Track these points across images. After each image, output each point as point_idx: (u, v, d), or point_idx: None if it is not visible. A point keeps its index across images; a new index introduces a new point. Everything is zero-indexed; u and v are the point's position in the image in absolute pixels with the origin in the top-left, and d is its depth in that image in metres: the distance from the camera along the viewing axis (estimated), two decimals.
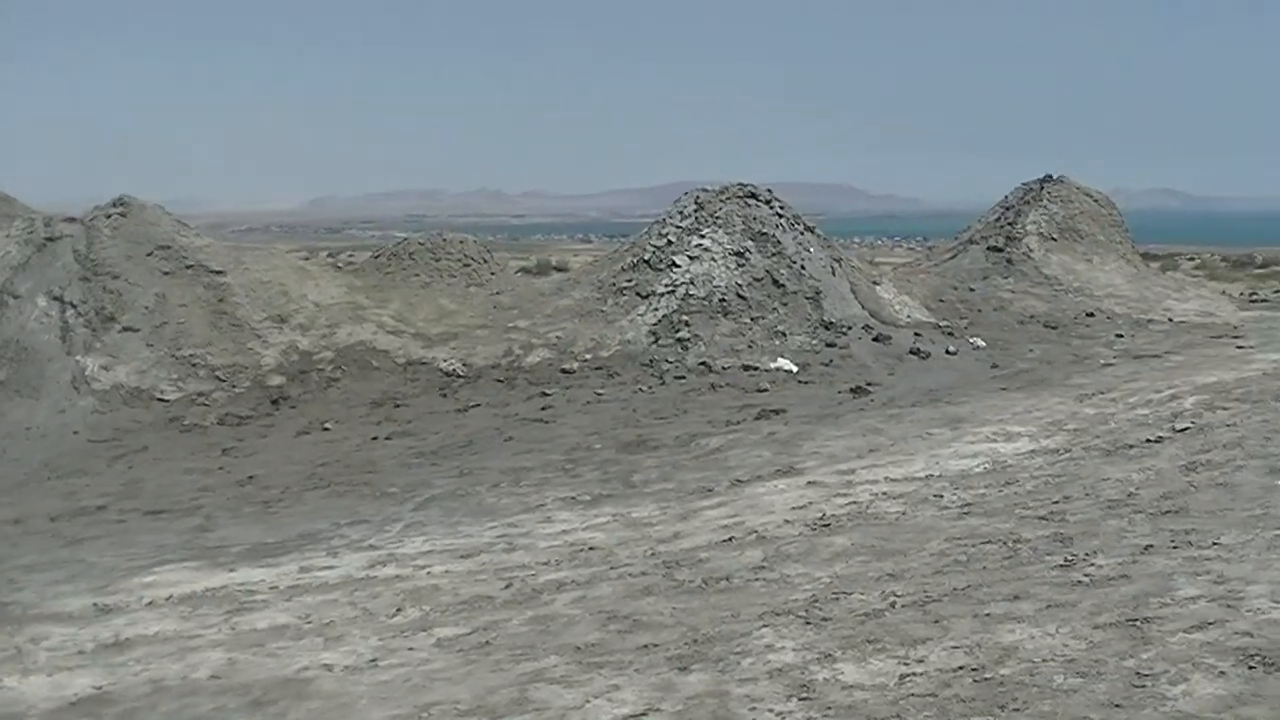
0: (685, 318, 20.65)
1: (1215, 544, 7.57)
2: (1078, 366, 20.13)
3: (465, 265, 22.84)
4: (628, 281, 21.82)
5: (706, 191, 23.60)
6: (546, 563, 9.70)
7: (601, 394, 18.33)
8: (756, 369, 19.43)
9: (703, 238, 22.21)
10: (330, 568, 10.24)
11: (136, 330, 18.81)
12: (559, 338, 20.37)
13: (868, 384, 18.62)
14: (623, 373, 19.33)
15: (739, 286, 21.37)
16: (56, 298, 19.19)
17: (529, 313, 21.33)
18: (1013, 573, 7.60)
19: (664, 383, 18.90)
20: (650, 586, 8.53)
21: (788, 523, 10.22)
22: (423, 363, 19.39)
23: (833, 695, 5.83)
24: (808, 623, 7.08)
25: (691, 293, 21.20)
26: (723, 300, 21.08)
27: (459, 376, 19.09)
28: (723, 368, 19.47)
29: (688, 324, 20.50)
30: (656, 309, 21.01)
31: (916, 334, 21.70)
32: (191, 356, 18.50)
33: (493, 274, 23.13)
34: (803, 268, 22.12)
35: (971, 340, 22.19)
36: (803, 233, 23.19)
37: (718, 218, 22.61)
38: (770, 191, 23.93)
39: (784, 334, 20.69)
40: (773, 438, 14.93)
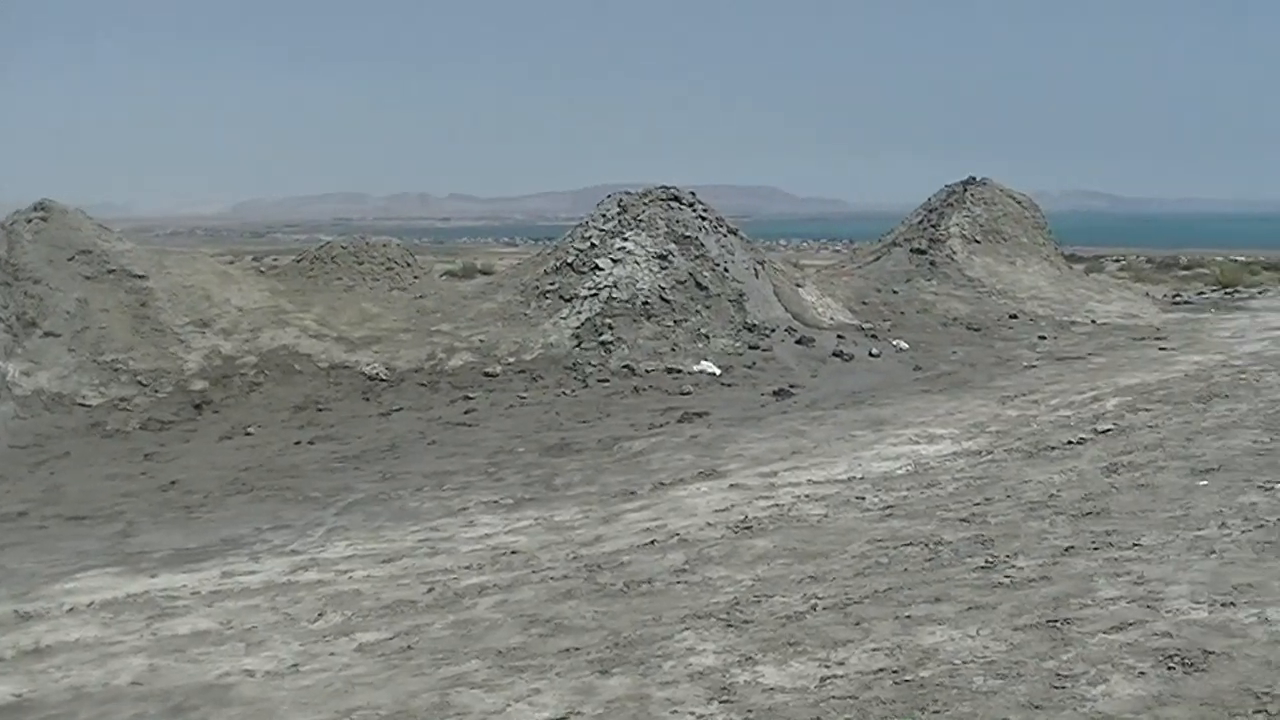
0: (608, 321, 20.59)
1: (1136, 545, 7.58)
2: (1000, 368, 20.23)
3: (388, 269, 22.68)
4: (551, 285, 21.75)
5: (629, 194, 23.57)
6: (469, 566, 9.61)
7: (524, 397, 18.25)
8: (679, 372, 19.41)
9: (626, 241, 22.17)
10: (252, 573, 10.10)
11: (58, 335, 18.52)
12: (482, 341, 20.26)
13: (790, 386, 18.65)
14: (545, 376, 19.25)
15: (662, 289, 21.34)
16: None
17: (452, 316, 21.21)
18: (934, 575, 7.58)
19: (587, 386, 18.84)
20: (572, 590, 8.46)
21: (710, 525, 10.17)
22: (345, 366, 19.23)
23: (753, 698, 5.78)
24: (729, 625, 7.03)
25: (614, 296, 21.15)
26: (646, 303, 21.04)
27: (382, 380, 18.94)
28: (646, 370, 19.43)
29: (611, 327, 20.45)
30: (579, 312, 20.94)
31: (839, 336, 21.76)
32: (113, 361, 18.24)
33: (416, 277, 22.99)
34: (726, 270, 22.13)
35: (894, 342, 22.28)
36: (726, 235, 23.20)
37: (641, 221, 22.58)
38: (694, 194, 23.94)
39: (707, 337, 20.68)
40: (695, 440, 14.91)
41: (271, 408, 17.90)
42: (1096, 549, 7.64)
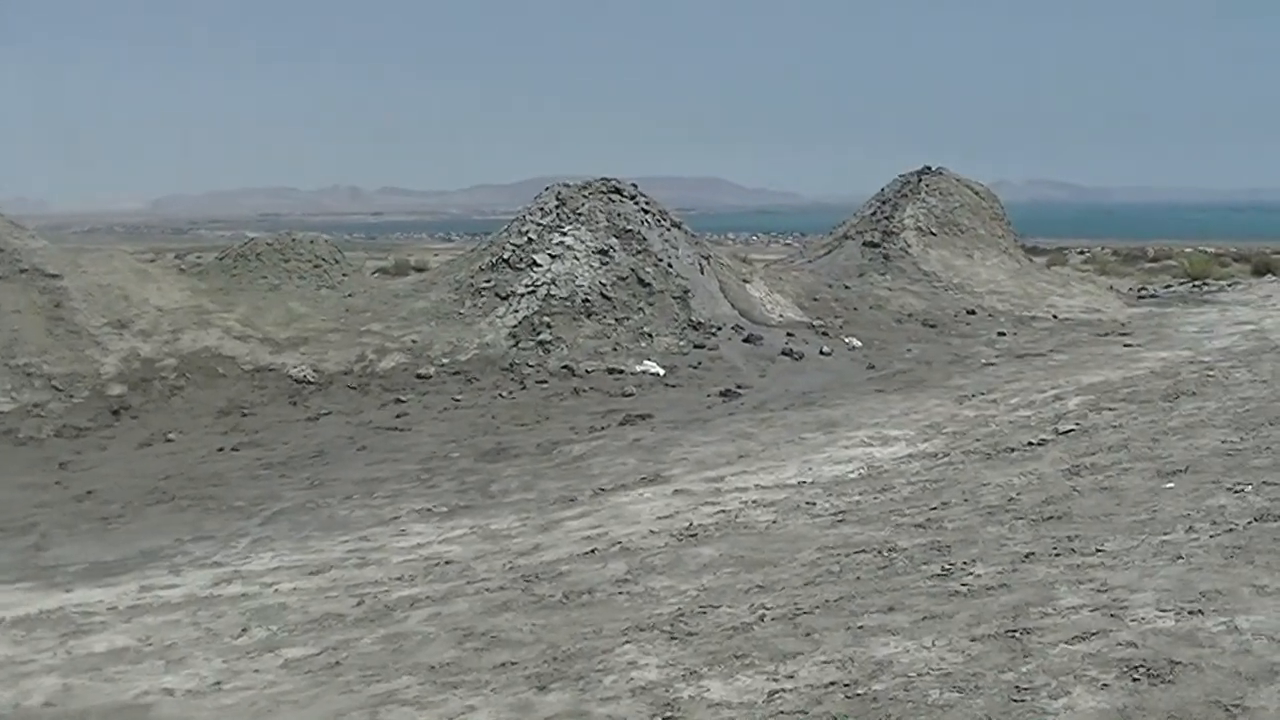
0: (547, 319, 20.55)
1: (1099, 551, 7.58)
2: (957, 366, 20.34)
3: (316, 266, 22.56)
4: (486, 282, 21.69)
5: (568, 187, 23.57)
6: (400, 578, 9.56)
7: (459, 400, 18.19)
8: (622, 372, 19.38)
9: (565, 235, 22.14)
10: (172, 586, 10.01)
11: None
12: (415, 341, 20.17)
13: (738, 387, 18.66)
14: (481, 377, 19.19)
15: (603, 286, 21.33)
16: None
17: (383, 315, 21.11)
18: (887, 583, 7.56)
19: (524, 387, 18.78)
20: (508, 602, 8.41)
21: (653, 533, 10.15)
22: (271, 369, 19.10)
23: (698, 714, 5.74)
24: (673, 638, 6.99)
25: (553, 293, 21.12)
26: (586, 300, 21.01)
27: (309, 383, 18.82)
28: (586, 371, 19.40)
29: (549, 326, 20.41)
30: (517, 310, 20.90)
31: (789, 334, 21.82)
32: (26, 365, 18.00)
33: (345, 275, 22.88)
34: (669, 266, 22.14)
35: (846, 340, 22.36)
36: (669, 229, 23.22)
37: (580, 214, 22.57)
38: (635, 186, 23.96)
39: (650, 335, 20.68)
40: (638, 444, 14.89)
41: (193, 413, 17.73)
42: (1058, 555, 7.65)
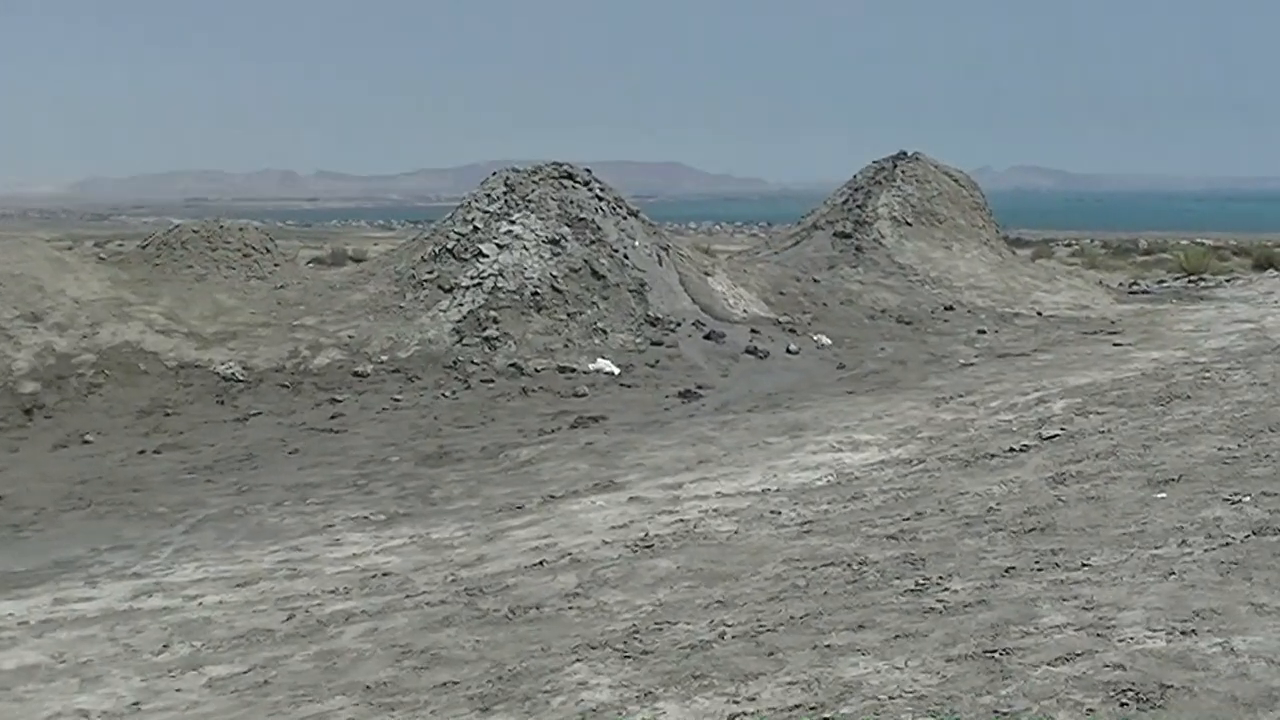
0: (493, 314, 20.52)
1: (1084, 565, 7.60)
2: (934, 366, 20.41)
3: (245, 256, 22.47)
4: (429, 273, 21.64)
5: (517, 172, 23.54)
6: (334, 591, 9.56)
7: (399, 400, 18.16)
8: (573, 371, 19.39)
9: (513, 223, 22.12)
10: (88, 599, 9.98)
11: None
12: (351, 337, 20.12)
13: (698, 387, 18.68)
14: (423, 376, 19.16)
15: (554, 278, 21.32)
16: None
17: (317, 309, 21.04)
18: (857, 599, 7.58)
19: (469, 387, 18.76)
20: (450, 617, 8.42)
21: (606, 544, 10.18)
22: (197, 366, 19.00)
23: None
24: (626, 656, 7.00)
25: (500, 285, 21.09)
26: (535, 294, 21.00)
27: (238, 381, 18.74)
28: (535, 370, 19.39)
29: (496, 321, 20.38)
30: (461, 304, 20.86)
31: (754, 331, 21.85)
32: None
33: (277, 265, 22.80)
34: (625, 257, 22.15)
35: (815, 338, 22.40)
36: (626, 218, 23.23)
37: (530, 201, 22.55)
38: (589, 171, 23.95)
39: (604, 331, 20.69)
40: (591, 448, 14.91)
41: (112, 413, 17.64)
42: (1040, 570, 7.67)
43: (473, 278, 21.30)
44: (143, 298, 20.59)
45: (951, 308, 26.39)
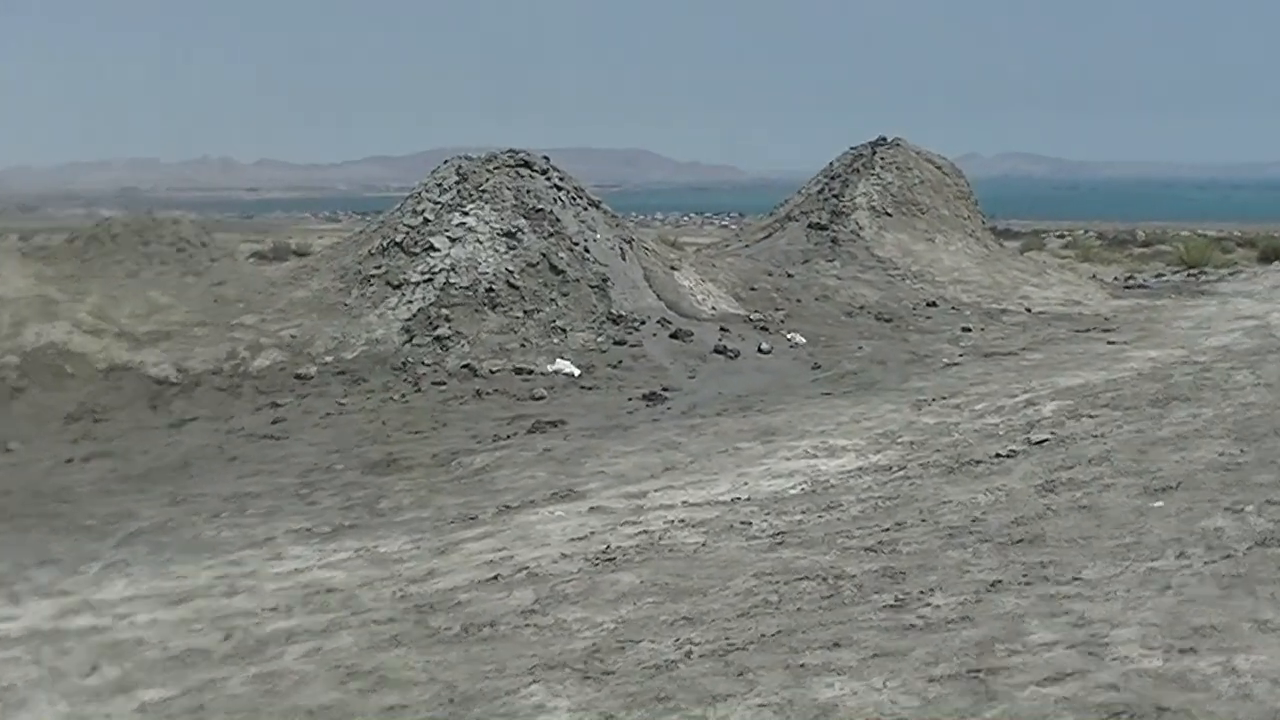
0: (445, 311, 20.49)
1: (1076, 579, 7.64)
2: (916, 367, 20.42)
3: (180, 250, 22.37)
4: (376, 268, 21.60)
5: (471, 160, 23.50)
6: (275, 608, 9.52)
7: (344, 404, 18.11)
8: (531, 372, 19.37)
9: (466, 215, 22.09)
10: (11, 619, 9.89)
11: None
12: (294, 337, 20.07)
13: (664, 389, 18.68)
14: (370, 378, 19.11)
15: (509, 274, 21.30)
16: None
17: (258, 307, 20.98)
18: (833, 615, 7.61)
19: (419, 390, 18.73)
20: (398, 635, 8.42)
21: (565, 557, 10.17)
22: (128, 368, 18.94)
23: None
24: (586, 677, 7.01)
25: (453, 281, 21.06)
26: (490, 290, 20.98)
27: (172, 384, 18.69)
28: (490, 371, 19.36)
29: (448, 319, 20.35)
30: (410, 301, 20.82)
31: (723, 329, 21.87)
32: None
33: (214, 260, 22.72)
34: (586, 251, 22.14)
35: (789, 336, 22.42)
36: (587, 209, 23.22)
37: (484, 191, 22.52)
38: (547, 159, 23.94)
39: (564, 330, 20.68)
40: (549, 455, 14.89)
41: (37, 419, 17.57)
42: (1029, 584, 7.70)
43: (423, 273, 21.26)
44: (70, 295, 20.50)
45: (934, 304, 26.40)
